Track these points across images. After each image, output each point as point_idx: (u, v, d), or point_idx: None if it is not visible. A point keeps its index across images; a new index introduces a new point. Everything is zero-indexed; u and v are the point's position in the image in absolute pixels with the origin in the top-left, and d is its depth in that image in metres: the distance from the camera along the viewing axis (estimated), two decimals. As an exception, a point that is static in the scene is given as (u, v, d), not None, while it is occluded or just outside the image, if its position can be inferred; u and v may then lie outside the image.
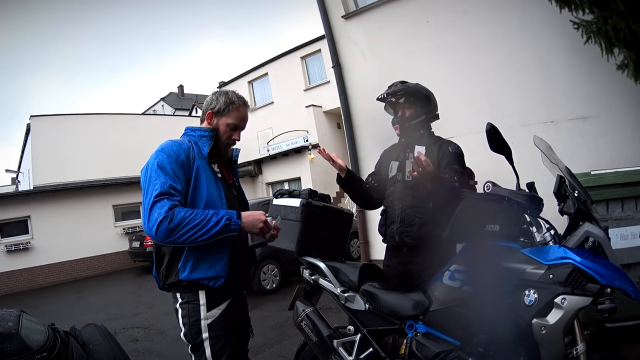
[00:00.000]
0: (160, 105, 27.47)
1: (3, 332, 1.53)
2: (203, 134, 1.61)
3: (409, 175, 1.99)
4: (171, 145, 1.51)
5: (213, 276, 1.49)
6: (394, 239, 2.06)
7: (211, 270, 1.49)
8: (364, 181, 2.26)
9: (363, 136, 5.46)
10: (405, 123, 2.10)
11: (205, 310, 1.49)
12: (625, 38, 2.74)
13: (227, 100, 1.61)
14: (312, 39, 12.70)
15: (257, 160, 13.72)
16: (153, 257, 1.58)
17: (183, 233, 1.37)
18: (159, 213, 1.36)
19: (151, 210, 1.38)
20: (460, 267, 1.58)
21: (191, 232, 1.37)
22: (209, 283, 1.49)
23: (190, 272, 1.47)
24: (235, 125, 1.64)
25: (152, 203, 1.38)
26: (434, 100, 2.16)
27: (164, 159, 1.46)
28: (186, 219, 1.37)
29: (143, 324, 4.97)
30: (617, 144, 3.76)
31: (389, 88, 2.13)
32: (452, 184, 1.80)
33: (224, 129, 1.63)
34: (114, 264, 10.97)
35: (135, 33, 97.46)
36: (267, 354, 3.40)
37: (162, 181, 1.42)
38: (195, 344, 1.49)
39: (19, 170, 16.60)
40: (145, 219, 1.40)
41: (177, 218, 1.36)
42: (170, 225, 1.35)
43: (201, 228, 1.38)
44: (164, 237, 1.37)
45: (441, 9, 4.81)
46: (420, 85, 2.15)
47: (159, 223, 1.35)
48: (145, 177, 1.47)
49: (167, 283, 1.53)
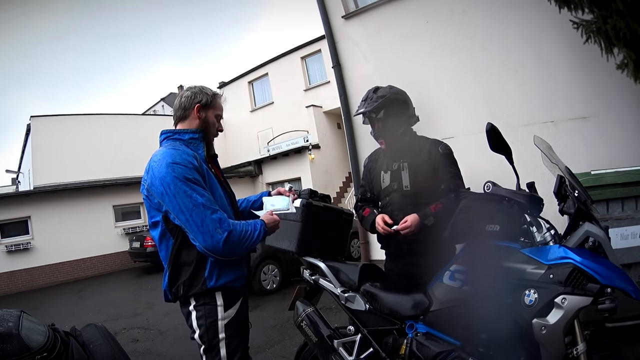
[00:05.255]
0: (160, 106, 27.46)
1: (3, 332, 1.53)
2: (193, 136, 1.56)
3: (407, 186, 1.99)
4: (179, 154, 1.44)
5: (237, 277, 1.53)
6: (401, 249, 2.01)
7: (234, 273, 1.52)
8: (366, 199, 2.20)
9: (363, 136, 5.45)
10: (391, 137, 2.03)
11: (223, 311, 1.49)
12: (625, 37, 2.74)
13: (211, 92, 1.62)
14: (312, 39, 12.72)
15: (257, 160, 13.73)
16: (167, 270, 1.51)
17: (241, 245, 1.43)
18: (222, 228, 1.37)
19: (206, 225, 1.36)
20: (461, 267, 1.58)
21: (247, 244, 1.44)
22: (234, 284, 1.52)
23: (217, 280, 1.47)
24: (220, 115, 1.66)
25: (204, 218, 1.36)
26: (410, 103, 2.09)
27: (183, 170, 1.40)
28: (242, 233, 1.43)
29: (143, 324, 4.97)
30: (617, 144, 3.75)
31: (365, 102, 2.04)
32: (446, 205, 1.84)
33: (213, 120, 1.62)
34: (114, 264, 10.97)
35: (135, 33, 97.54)
36: (268, 354, 3.40)
37: (199, 193, 1.39)
38: (211, 344, 1.48)
39: (19, 171, 16.59)
40: (204, 236, 1.36)
41: (237, 232, 1.41)
42: (234, 240, 1.39)
43: (251, 239, 1.45)
44: (228, 252, 1.40)
45: (441, 9, 4.81)
46: (395, 90, 2.06)
47: (226, 239, 1.37)
48: (170, 193, 1.38)
49: (190, 294, 1.48)
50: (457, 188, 1.88)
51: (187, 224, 1.38)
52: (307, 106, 12.60)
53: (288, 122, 12.93)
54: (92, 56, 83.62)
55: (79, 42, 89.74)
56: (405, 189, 2.00)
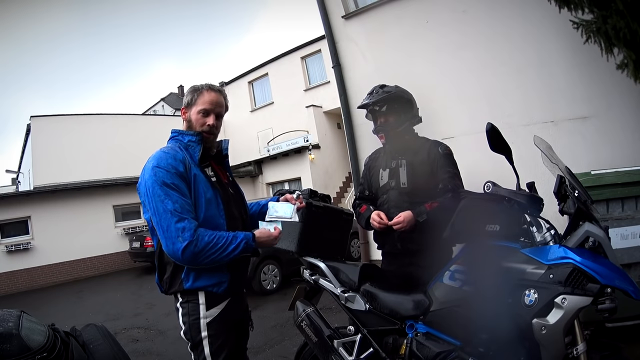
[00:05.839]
0: (160, 106, 27.43)
1: (3, 332, 1.53)
2: (191, 139, 1.58)
3: (404, 183, 2.00)
4: (165, 158, 1.48)
5: (216, 283, 1.52)
6: (395, 247, 2.03)
7: (213, 278, 1.51)
8: (364, 197, 2.21)
9: (363, 136, 5.45)
10: (391, 131, 2.06)
11: (205, 309, 1.51)
12: (625, 37, 2.74)
13: (193, 89, 1.62)
14: (312, 39, 12.71)
15: (257, 160, 13.72)
16: (155, 264, 1.58)
17: (206, 257, 1.42)
18: (182, 237, 1.38)
19: (169, 232, 1.39)
20: (461, 267, 1.58)
21: (213, 255, 1.42)
22: (212, 289, 1.52)
23: (193, 282, 1.49)
24: (205, 110, 1.59)
25: (170, 224, 1.39)
26: (415, 104, 2.12)
27: (163, 174, 1.44)
28: (210, 244, 1.41)
29: (143, 324, 4.97)
30: (617, 144, 3.75)
31: (370, 95, 2.07)
32: (442, 203, 1.86)
33: (196, 117, 1.60)
34: (114, 264, 10.97)
35: (135, 33, 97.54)
36: (268, 354, 3.40)
37: (172, 199, 1.41)
38: (195, 342, 1.51)
39: (19, 171, 16.59)
40: (166, 241, 1.40)
41: (202, 243, 1.40)
42: (195, 250, 1.39)
43: (222, 252, 1.43)
44: (189, 261, 1.42)
45: (441, 9, 4.80)
46: (401, 89, 2.10)
47: (185, 248, 1.37)
48: (149, 195, 1.44)
49: (171, 291, 1.55)
50: (455, 188, 1.89)
51: (157, 227, 1.43)
52: (307, 106, 12.59)
53: (288, 122, 12.92)
54: (92, 56, 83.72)
55: (79, 42, 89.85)
56: (402, 187, 2.01)
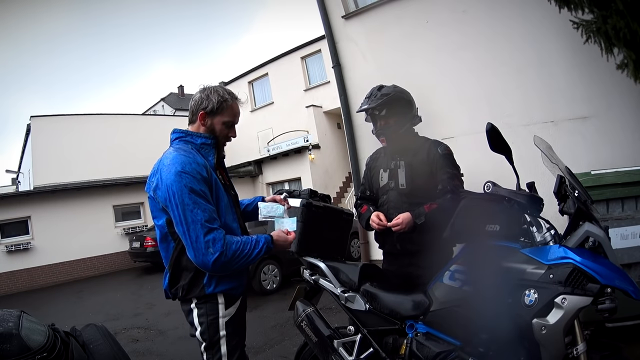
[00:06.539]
0: (160, 106, 27.44)
1: (3, 332, 1.53)
2: (205, 142, 1.54)
3: (403, 184, 2.00)
4: (189, 162, 1.43)
5: (236, 286, 1.55)
6: (394, 247, 2.03)
7: (234, 282, 1.54)
8: (365, 197, 2.21)
9: (363, 136, 5.45)
10: (392, 134, 2.05)
11: (224, 309, 1.51)
12: (625, 37, 2.74)
13: (220, 98, 1.53)
14: (312, 39, 12.71)
15: (257, 160, 13.73)
16: (168, 271, 1.54)
17: (235, 264, 1.43)
18: (213, 249, 1.37)
19: (199, 243, 1.37)
20: (461, 267, 1.58)
21: (241, 262, 1.44)
22: (232, 292, 1.54)
23: (215, 287, 1.49)
24: (232, 122, 1.58)
25: (199, 235, 1.37)
26: (414, 103, 2.11)
27: (190, 181, 1.39)
28: (237, 252, 1.42)
29: (143, 324, 4.97)
30: (617, 144, 3.75)
31: (369, 99, 2.05)
32: (441, 205, 1.86)
33: (220, 128, 1.56)
34: (114, 264, 10.97)
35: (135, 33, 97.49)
36: (268, 354, 3.40)
37: (202, 208, 1.39)
38: (212, 341, 1.50)
39: (19, 171, 16.61)
40: (195, 252, 1.38)
41: (230, 252, 1.41)
42: (225, 260, 1.40)
43: (248, 257, 1.45)
44: (218, 270, 1.42)
45: (441, 9, 4.80)
46: (400, 89, 2.08)
47: (215, 260, 1.37)
48: (174, 202, 1.39)
49: (188, 297, 1.51)
50: (455, 188, 1.89)
51: (184, 237, 1.40)
52: (307, 106, 12.60)
53: (288, 122, 12.92)
54: (92, 56, 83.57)
55: (79, 42, 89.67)
56: (401, 188, 2.01)
